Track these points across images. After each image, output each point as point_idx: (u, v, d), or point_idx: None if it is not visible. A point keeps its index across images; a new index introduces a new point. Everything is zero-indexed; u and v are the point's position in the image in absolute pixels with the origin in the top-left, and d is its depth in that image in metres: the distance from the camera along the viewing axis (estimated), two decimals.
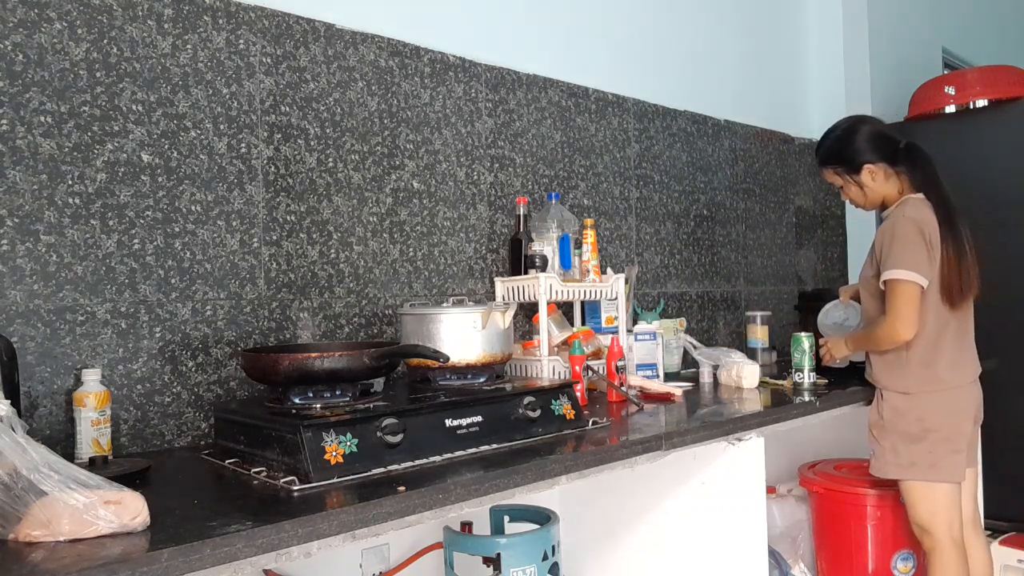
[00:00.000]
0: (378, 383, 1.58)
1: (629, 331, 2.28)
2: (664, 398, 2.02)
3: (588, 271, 2.18)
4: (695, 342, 2.55)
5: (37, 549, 0.93)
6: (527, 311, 2.23)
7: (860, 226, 3.38)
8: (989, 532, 2.59)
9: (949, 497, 2.01)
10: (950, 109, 3.22)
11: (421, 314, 1.73)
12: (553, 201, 2.26)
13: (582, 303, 2.38)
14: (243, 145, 1.75)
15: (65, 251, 1.49)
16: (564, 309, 2.30)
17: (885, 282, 1.99)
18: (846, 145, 2.13)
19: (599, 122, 2.60)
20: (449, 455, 1.36)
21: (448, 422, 1.39)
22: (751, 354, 2.65)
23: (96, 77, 1.54)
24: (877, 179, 2.09)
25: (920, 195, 2.06)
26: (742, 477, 1.74)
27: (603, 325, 2.31)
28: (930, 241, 1.97)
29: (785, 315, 3.32)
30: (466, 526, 1.93)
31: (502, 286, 2.19)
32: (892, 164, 2.09)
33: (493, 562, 1.75)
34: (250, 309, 1.75)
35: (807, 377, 2.19)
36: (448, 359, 1.51)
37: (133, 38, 1.59)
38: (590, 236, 2.19)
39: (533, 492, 1.34)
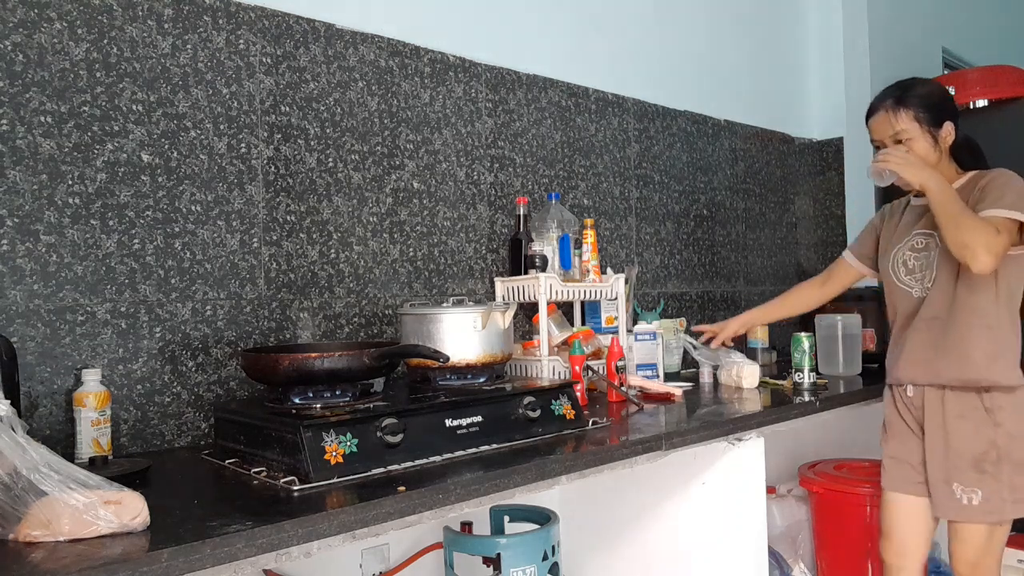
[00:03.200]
0: (378, 383, 1.58)
1: (629, 331, 2.28)
2: (664, 398, 2.02)
3: (588, 271, 2.18)
4: (695, 342, 2.55)
5: (37, 549, 0.93)
6: (527, 311, 2.23)
7: (860, 226, 3.36)
8: None
9: (1008, 530, 1.82)
10: None
11: (421, 314, 1.72)
12: (553, 201, 2.26)
13: (582, 303, 2.38)
14: (243, 145, 1.75)
15: (65, 251, 1.49)
16: (564, 309, 2.30)
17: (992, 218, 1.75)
18: (937, 96, 1.95)
19: (599, 122, 2.60)
20: (449, 455, 1.36)
21: (448, 422, 1.39)
22: (751, 354, 2.65)
23: (96, 77, 1.54)
24: (948, 142, 1.91)
25: None
26: (742, 477, 1.74)
27: (603, 325, 2.31)
28: None
29: None
30: (466, 526, 1.93)
31: (502, 286, 2.19)
32: (954, 144, 1.94)
33: (493, 562, 1.75)
34: (250, 309, 1.75)
35: (807, 377, 2.19)
36: (448, 359, 1.51)
37: (133, 38, 1.59)
38: (590, 236, 2.19)
39: (533, 492, 1.34)
